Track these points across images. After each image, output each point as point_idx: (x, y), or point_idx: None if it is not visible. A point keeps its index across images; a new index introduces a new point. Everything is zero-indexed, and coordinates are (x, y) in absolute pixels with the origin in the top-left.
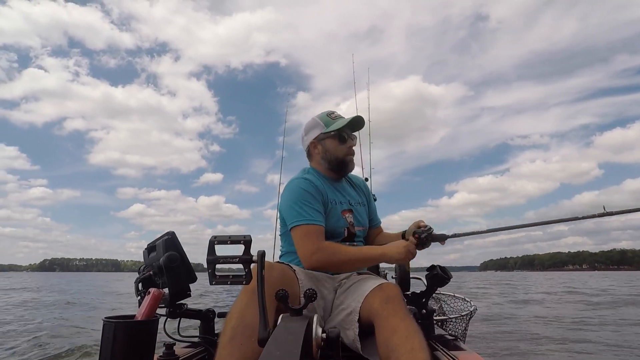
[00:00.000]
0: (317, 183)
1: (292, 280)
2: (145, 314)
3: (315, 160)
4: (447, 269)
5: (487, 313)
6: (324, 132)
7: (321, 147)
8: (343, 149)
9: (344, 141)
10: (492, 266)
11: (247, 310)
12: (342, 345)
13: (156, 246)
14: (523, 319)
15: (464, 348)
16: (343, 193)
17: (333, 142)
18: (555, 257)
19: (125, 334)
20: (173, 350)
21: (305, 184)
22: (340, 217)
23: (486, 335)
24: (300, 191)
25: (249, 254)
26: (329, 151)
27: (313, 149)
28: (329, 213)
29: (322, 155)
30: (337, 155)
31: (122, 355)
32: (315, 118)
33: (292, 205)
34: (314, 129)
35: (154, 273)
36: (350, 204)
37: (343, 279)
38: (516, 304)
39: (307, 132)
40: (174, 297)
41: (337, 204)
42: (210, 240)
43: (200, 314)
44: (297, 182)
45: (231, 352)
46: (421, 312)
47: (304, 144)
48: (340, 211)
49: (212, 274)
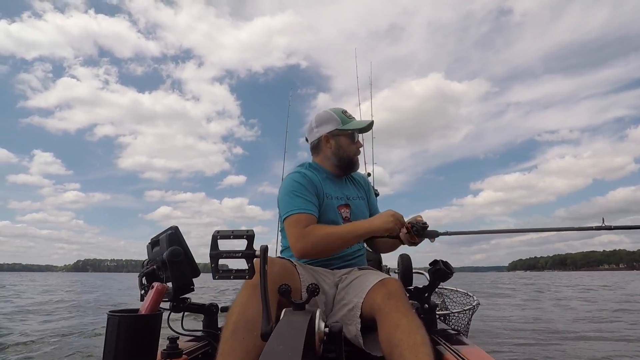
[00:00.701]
0: (311, 176)
1: (293, 275)
2: (149, 308)
3: (324, 154)
4: (450, 264)
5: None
6: (340, 129)
7: (334, 142)
8: (354, 148)
9: (355, 141)
10: (521, 266)
11: (248, 305)
12: (344, 340)
13: (159, 240)
14: (549, 317)
15: (466, 342)
16: (342, 188)
17: (347, 141)
18: (589, 256)
19: (129, 327)
20: (177, 344)
21: (297, 177)
22: (336, 212)
23: (490, 330)
24: (292, 183)
25: (252, 249)
26: (342, 148)
27: (325, 143)
28: (325, 207)
29: (333, 150)
30: (349, 154)
31: (126, 348)
32: (330, 112)
33: (284, 197)
34: (329, 123)
35: (157, 267)
36: (347, 198)
37: (344, 274)
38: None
39: (320, 125)
40: (178, 292)
41: (334, 198)
42: (213, 235)
43: (204, 308)
44: (291, 176)
45: (233, 346)
46: (424, 307)
47: (313, 136)
48: (337, 206)
49: (215, 268)
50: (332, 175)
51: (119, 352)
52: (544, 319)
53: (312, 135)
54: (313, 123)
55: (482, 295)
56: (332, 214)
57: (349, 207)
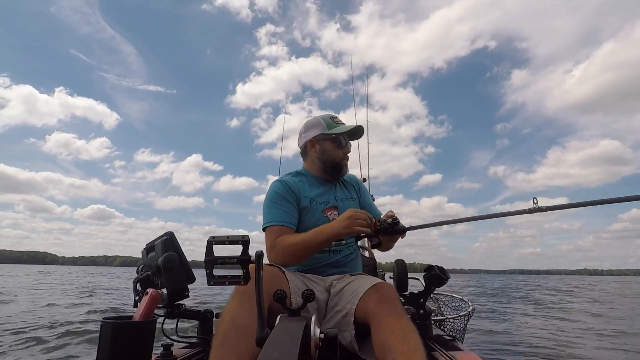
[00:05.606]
0: (293, 183)
1: (282, 281)
2: (143, 314)
3: (310, 159)
4: (445, 270)
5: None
6: (325, 133)
7: (319, 147)
8: (340, 153)
9: (342, 146)
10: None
11: (238, 312)
12: (339, 346)
13: (155, 246)
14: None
15: (461, 348)
16: (329, 191)
17: (331, 145)
18: None
19: (123, 334)
20: (171, 351)
21: (277, 186)
22: (321, 216)
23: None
24: (272, 193)
25: (247, 255)
26: (326, 152)
27: (310, 147)
28: (308, 212)
29: (318, 155)
30: (333, 158)
31: (120, 356)
32: (318, 118)
33: (264, 207)
34: (315, 128)
35: (152, 273)
36: (336, 200)
37: (334, 280)
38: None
39: (307, 130)
40: (172, 298)
41: (319, 204)
42: (208, 241)
43: (199, 314)
44: (273, 185)
45: (224, 354)
46: (419, 313)
47: (301, 141)
48: (322, 210)
49: (210, 274)
50: (320, 179)
51: (113, 359)
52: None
53: (300, 140)
54: (301, 129)
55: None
56: (317, 218)
57: (337, 209)
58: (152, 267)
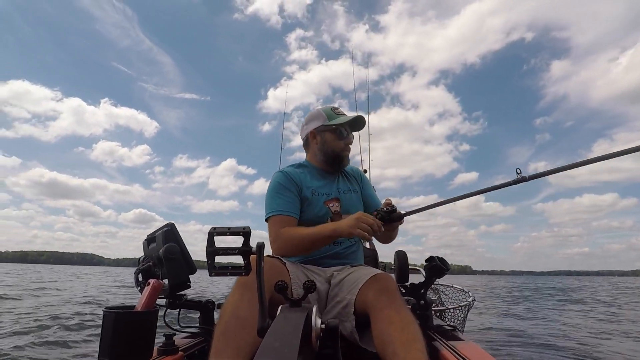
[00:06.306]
0: (294, 174)
1: (282, 272)
2: (145, 304)
3: (312, 151)
4: (446, 260)
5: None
6: (325, 125)
7: (320, 138)
8: (340, 144)
9: (343, 137)
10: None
11: (239, 304)
12: (340, 336)
13: (155, 237)
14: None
15: (462, 338)
16: (331, 183)
17: (332, 136)
18: None
19: (126, 324)
20: (173, 341)
21: (280, 177)
22: (322, 207)
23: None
24: (274, 184)
25: (249, 246)
26: (327, 143)
27: (312, 139)
28: (310, 204)
29: (319, 146)
30: (334, 149)
31: (122, 345)
32: (319, 109)
33: (267, 198)
34: (316, 119)
35: (153, 264)
36: (338, 192)
37: (335, 271)
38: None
39: (308, 122)
40: (174, 288)
41: (321, 195)
42: (210, 232)
43: (200, 304)
44: (275, 176)
45: (226, 344)
46: (420, 303)
47: (303, 133)
48: (323, 201)
49: (211, 265)
50: (321, 171)
51: (115, 348)
52: None
53: (302, 132)
54: (303, 121)
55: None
56: (318, 210)
57: (339, 200)
58: (154, 258)
